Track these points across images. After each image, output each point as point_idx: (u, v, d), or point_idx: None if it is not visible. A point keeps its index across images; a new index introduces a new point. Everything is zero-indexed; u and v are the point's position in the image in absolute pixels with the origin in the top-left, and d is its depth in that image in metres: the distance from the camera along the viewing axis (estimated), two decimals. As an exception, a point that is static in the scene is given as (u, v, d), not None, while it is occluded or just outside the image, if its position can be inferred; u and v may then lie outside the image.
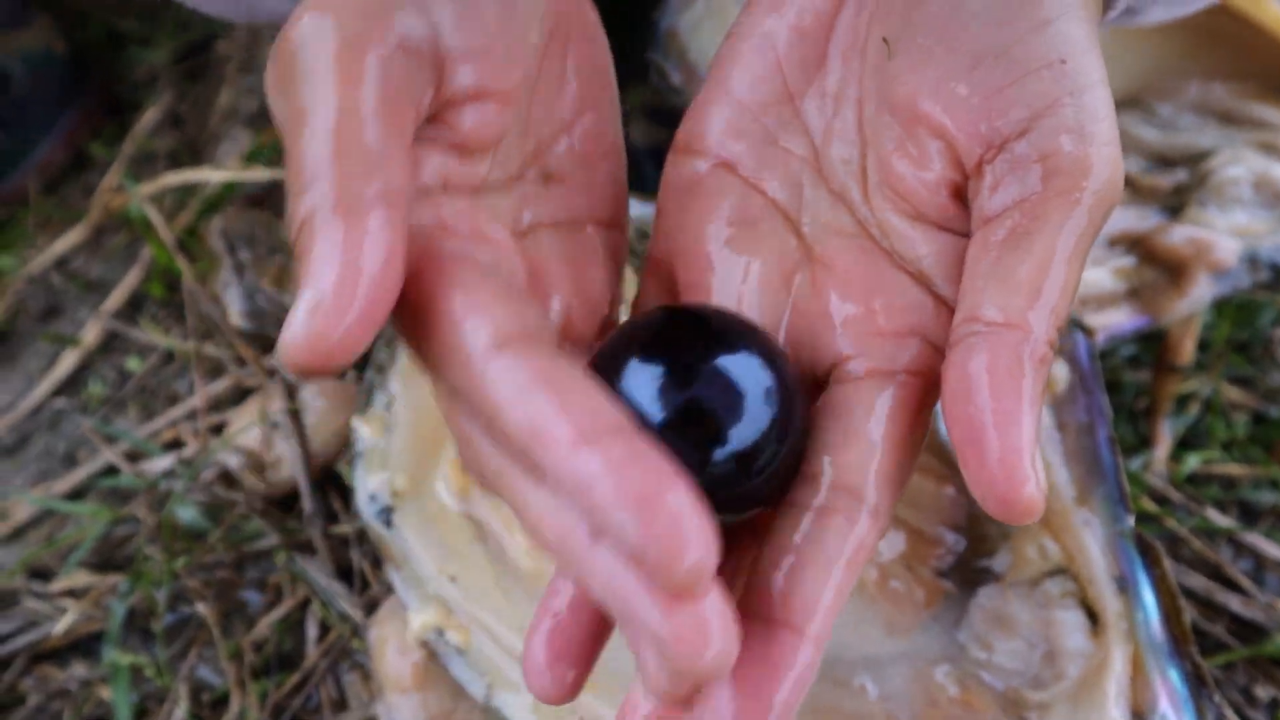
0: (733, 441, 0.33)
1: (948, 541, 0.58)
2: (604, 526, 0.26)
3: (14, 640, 0.68)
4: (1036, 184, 0.34)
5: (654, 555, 0.25)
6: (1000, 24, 0.35)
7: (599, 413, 0.27)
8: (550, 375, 0.28)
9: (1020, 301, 0.33)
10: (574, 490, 0.27)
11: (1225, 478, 0.74)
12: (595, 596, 0.28)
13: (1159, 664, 0.52)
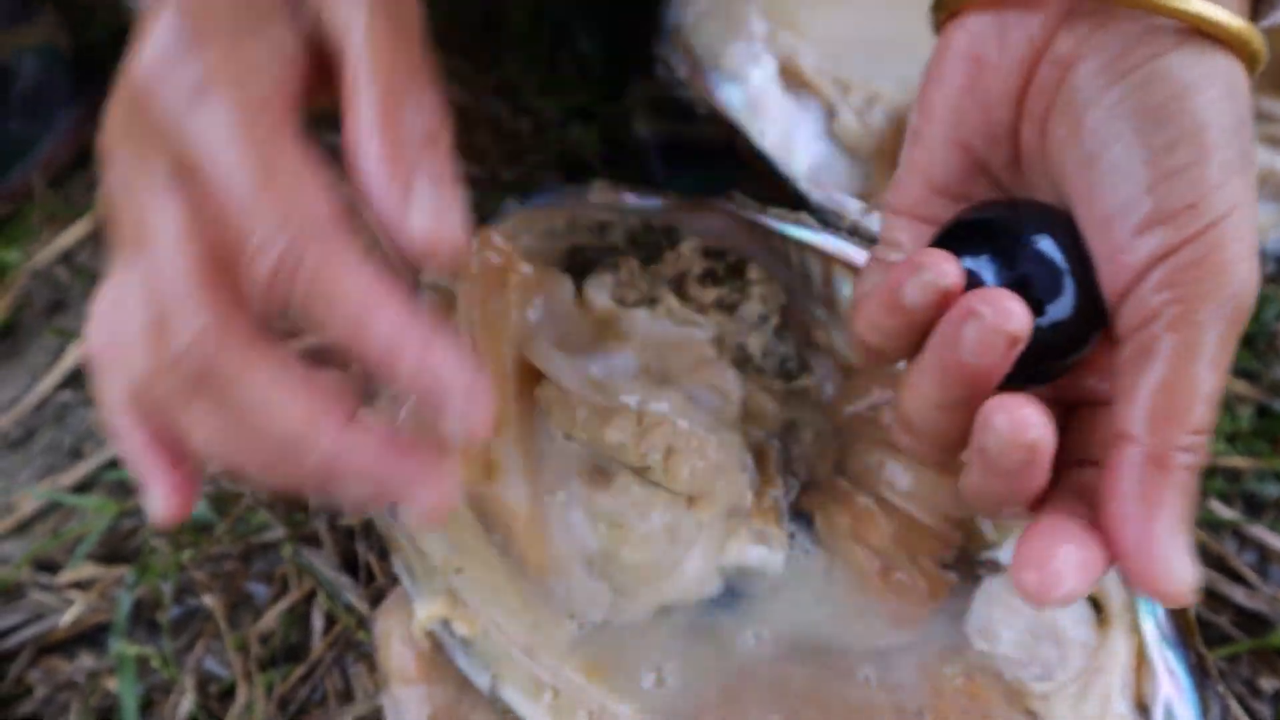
0: (1050, 314, 0.40)
1: (952, 534, 0.58)
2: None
3: (21, 632, 0.68)
4: (1154, 313, 0.39)
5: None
6: (1132, 181, 0.39)
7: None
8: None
9: (1148, 419, 0.38)
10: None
11: (1230, 470, 0.74)
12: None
13: (1163, 655, 0.52)
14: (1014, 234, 0.41)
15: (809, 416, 0.61)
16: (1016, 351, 0.38)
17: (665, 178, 0.80)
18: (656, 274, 0.60)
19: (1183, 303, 0.38)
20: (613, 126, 0.86)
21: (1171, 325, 0.38)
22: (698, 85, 0.70)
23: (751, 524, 0.56)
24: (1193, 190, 0.38)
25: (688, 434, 0.54)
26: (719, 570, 0.55)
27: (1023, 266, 0.40)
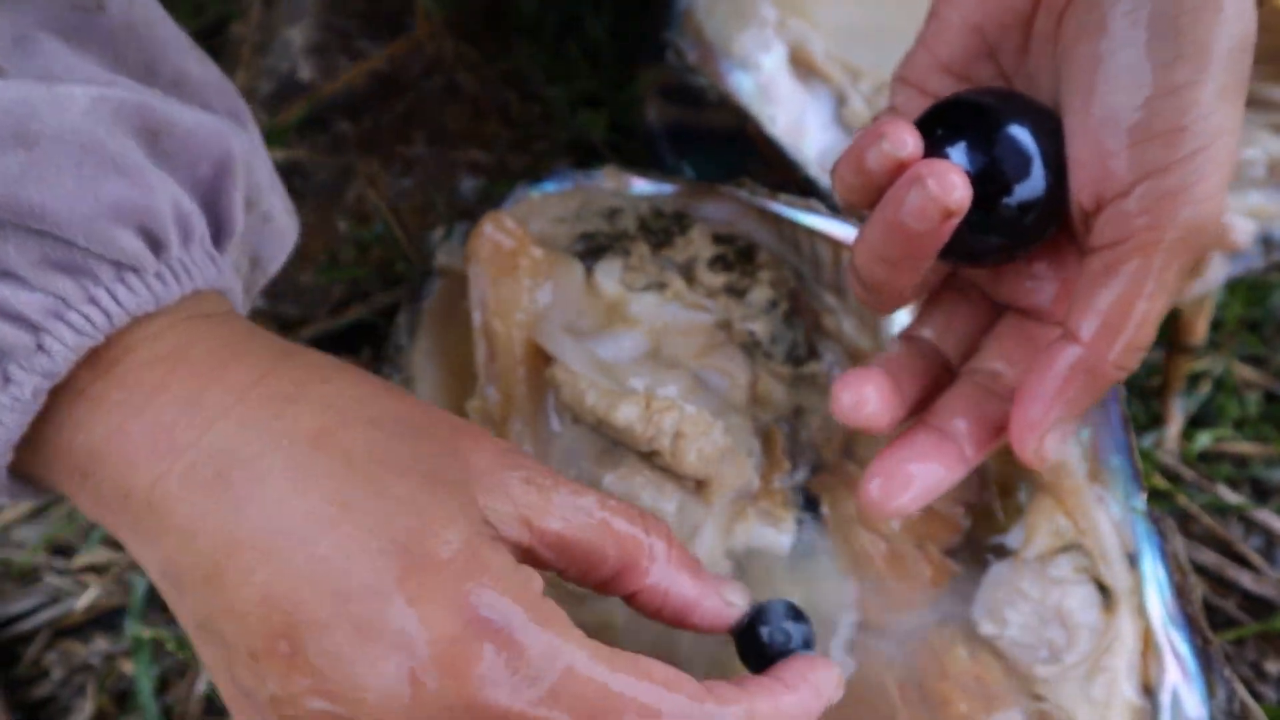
0: (1017, 194, 0.43)
1: (959, 520, 0.58)
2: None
3: (36, 615, 0.69)
4: (1128, 234, 0.41)
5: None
6: (1131, 89, 0.40)
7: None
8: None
9: (1098, 330, 0.42)
10: None
11: (1237, 455, 0.74)
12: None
13: (1170, 639, 0.53)
14: (993, 118, 0.43)
15: (817, 402, 0.61)
16: (952, 224, 0.41)
17: (675, 164, 0.80)
18: (666, 259, 0.60)
19: (1156, 229, 0.40)
20: (622, 113, 0.86)
21: (1140, 249, 0.41)
22: (708, 72, 0.70)
23: (759, 506, 0.57)
24: (1185, 113, 0.40)
25: (695, 418, 0.54)
26: (727, 553, 0.56)
27: (995, 149, 0.43)
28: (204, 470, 0.37)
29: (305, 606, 0.36)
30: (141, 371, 0.39)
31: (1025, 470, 0.57)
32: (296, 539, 0.36)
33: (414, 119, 0.87)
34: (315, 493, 0.37)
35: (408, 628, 0.35)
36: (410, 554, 0.36)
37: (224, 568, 0.37)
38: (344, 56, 0.90)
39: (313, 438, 0.38)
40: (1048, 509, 0.56)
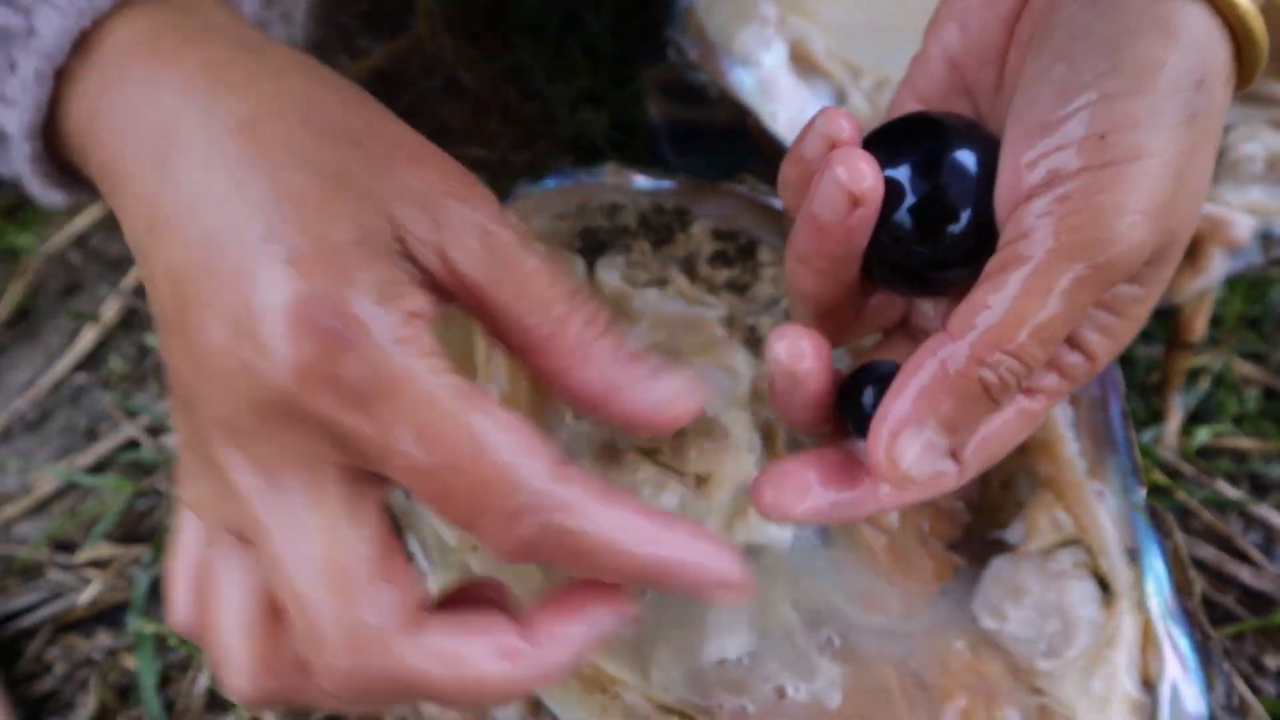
0: (955, 215, 0.41)
1: (960, 514, 0.59)
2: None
3: (39, 610, 0.69)
4: (1020, 235, 0.39)
5: None
6: (1059, 99, 0.39)
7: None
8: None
9: (966, 326, 0.39)
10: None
11: (1236, 451, 0.74)
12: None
13: (1169, 633, 0.53)
14: (936, 138, 0.42)
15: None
16: (861, 217, 0.40)
17: (676, 161, 0.81)
18: (668, 255, 0.61)
19: (1053, 234, 0.38)
20: (623, 110, 0.86)
21: (1031, 250, 0.38)
22: (709, 69, 0.70)
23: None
24: (1109, 121, 0.38)
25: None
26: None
27: (937, 169, 0.41)
28: (151, 145, 0.39)
29: (192, 283, 0.37)
30: (116, 55, 0.41)
31: (1026, 465, 0.58)
32: (195, 214, 0.37)
33: (415, 116, 0.86)
34: (220, 172, 0.37)
35: (257, 308, 0.35)
36: (279, 238, 0.35)
37: (147, 240, 0.39)
38: (344, 54, 0.90)
39: (238, 125, 0.38)
40: (1048, 504, 0.56)
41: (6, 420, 0.78)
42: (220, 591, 0.40)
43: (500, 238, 0.39)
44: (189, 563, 0.42)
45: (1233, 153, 0.71)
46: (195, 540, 0.41)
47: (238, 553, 0.40)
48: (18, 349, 0.82)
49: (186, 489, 0.41)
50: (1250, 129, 0.72)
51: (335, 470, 0.37)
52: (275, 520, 0.37)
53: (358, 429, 0.35)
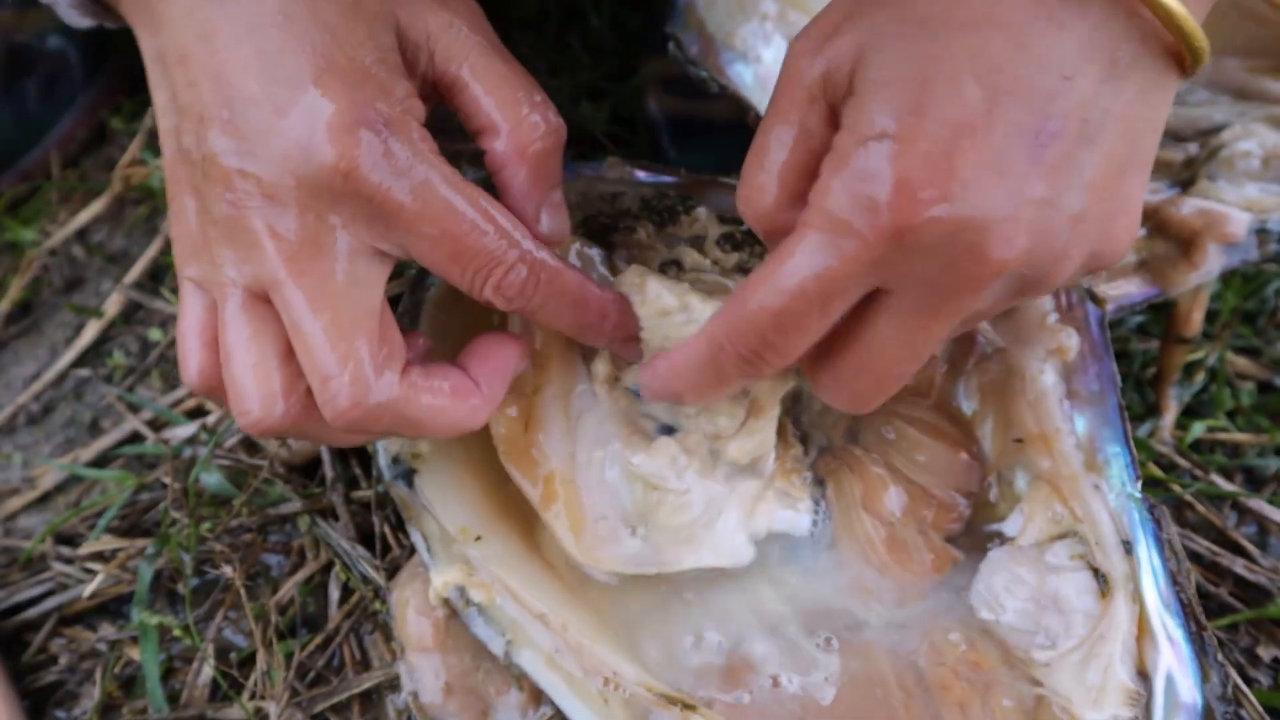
0: None
1: (960, 507, 0.59)
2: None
3: (43, 603, 0.69)
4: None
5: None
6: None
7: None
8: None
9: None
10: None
11: (1231, 445, 0.75)
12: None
13: (1164, 624, 0.53)
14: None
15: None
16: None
17: (676, 155, 0.81)
18: (673, 236, 0.61)
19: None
20: (623, 105, 0.87)
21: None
22: (709, 64, 0.70)
23: (776, 488, 0.57)
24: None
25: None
26: (750, 538, 0.56)
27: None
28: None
29: (244, 85, 0.46)
30: None
31: (1024, 459, 0.58)
32: (251, 36, 0.46)
33: (416, 111, 0.87)
34: (270, 4, 0.46)
35: (314, 107, 0.45)
36: (326, 59, 0.46)
37: (197, 49, 0.46)
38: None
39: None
40: (1045, 497, 0.57)
41: (10, 414, 0.79)
42: (240, 339, 0.48)
43: (476, 41, 0.51)
44: (198, 327, 0.50)
45: (1229, 150, 0.71)
46: (202, 308, 0.50)
47: (257, 307, 0.48)
48: (20, 344, 0.82)
49: (192, 265, 0.49)
50: (1246, 126, 0.72)
51: (351, 248, 0.47)
52: (301, 277, 0.46)
53: (400, 202, 0.46)
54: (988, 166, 0.41)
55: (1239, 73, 0.76)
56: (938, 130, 0.41)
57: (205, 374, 0.50)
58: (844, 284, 0.43)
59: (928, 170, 0.41)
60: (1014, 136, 0.41)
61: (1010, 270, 0.42)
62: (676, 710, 0.51)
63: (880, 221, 0.41)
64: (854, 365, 0.46)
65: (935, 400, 0.61)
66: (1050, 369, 0.59)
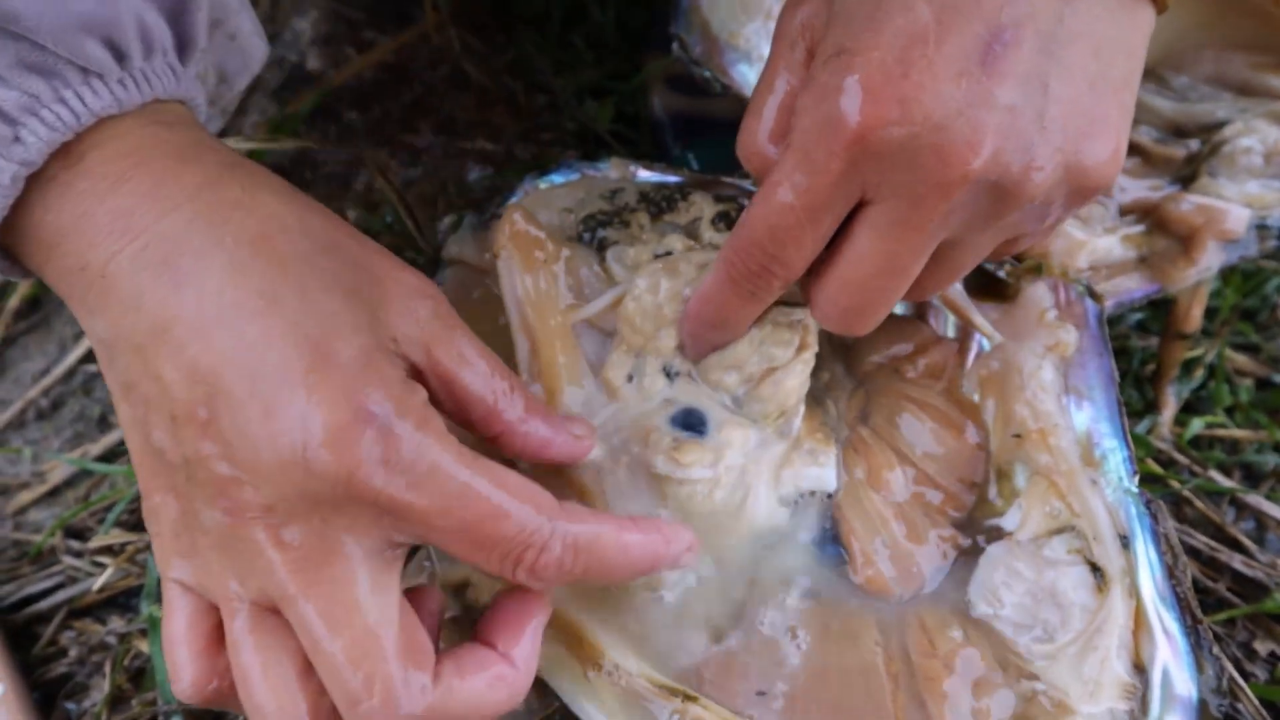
0: None
1: (963, 495, 0.59)
2: None
3: (53, 596, 0.70)
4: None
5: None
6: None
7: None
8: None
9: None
10: None
11: (1229, 441, 0.75)
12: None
13: (1160, 618, 0.54)
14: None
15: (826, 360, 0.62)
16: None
17: (680, 154, 0.81)
18: (668, 224, 0.61)
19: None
20: (627, 103, 0.87)
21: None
22: (713, 64, 0.71)
23: (804, 445, 0.58)
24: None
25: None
26: (780, 501, 0.57)
27: None
28: (154, 253, 0.43)
29: (224, 381, 0.41)
30: (106, 165, 0.44)
31: (1022, 453, 0.59)
32: (226, 323, 0.42)
33: (422, 109, 0.88)
34: (248, 287, 0.42)
35: (307, 411, 0.41)
36: (318, 351, 0.42)
37: (158, 339, 0.42)
38: (352, 47, 0.91)
39: (253, 240, 0.43)
40: (1042, 492, 0.57)
41: (19, 409, 0.79)
42: (255, 662, 0.44)
43: (464, 331, 0.48)
44: (190, 634, 0.45)
45: (1230, 146, 0.71)
46: (190, 611, 0.45)
47: (268, 621, 0.44)
48: (30, 339, 0.83)
49: (178, 568, 0.45)
50: (1248, 122, 0.72)
51: (363, 551, 0.43)
52: (313, 589, 0.42)
53: (410, 503, 0.42)
54: (942, 73, 0.43)
55: (1242, 69, 0.77)
56: (890, 41, 0.43)
57: (201, 686, 0.45)
58: (823, 197, 0.45)
59: (882, 79, 0.43)
60: (967, 45, 0.43)
61: (976, 176, 0.43)
62: (678, 701, 0.51)
63: (842, 133, 0.43)
64: (840, 279, 0.48)
65: (947, 385, 0.62)
66: (1049, 365, 0.59)
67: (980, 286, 0.63)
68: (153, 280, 0.42)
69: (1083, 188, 0.47)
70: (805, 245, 0.47)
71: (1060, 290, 0.61)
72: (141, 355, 0.43)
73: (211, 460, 0.42)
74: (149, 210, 0.43)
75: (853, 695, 0.53)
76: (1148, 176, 0.74)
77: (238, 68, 0.57)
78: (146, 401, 0.43)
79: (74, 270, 0.44)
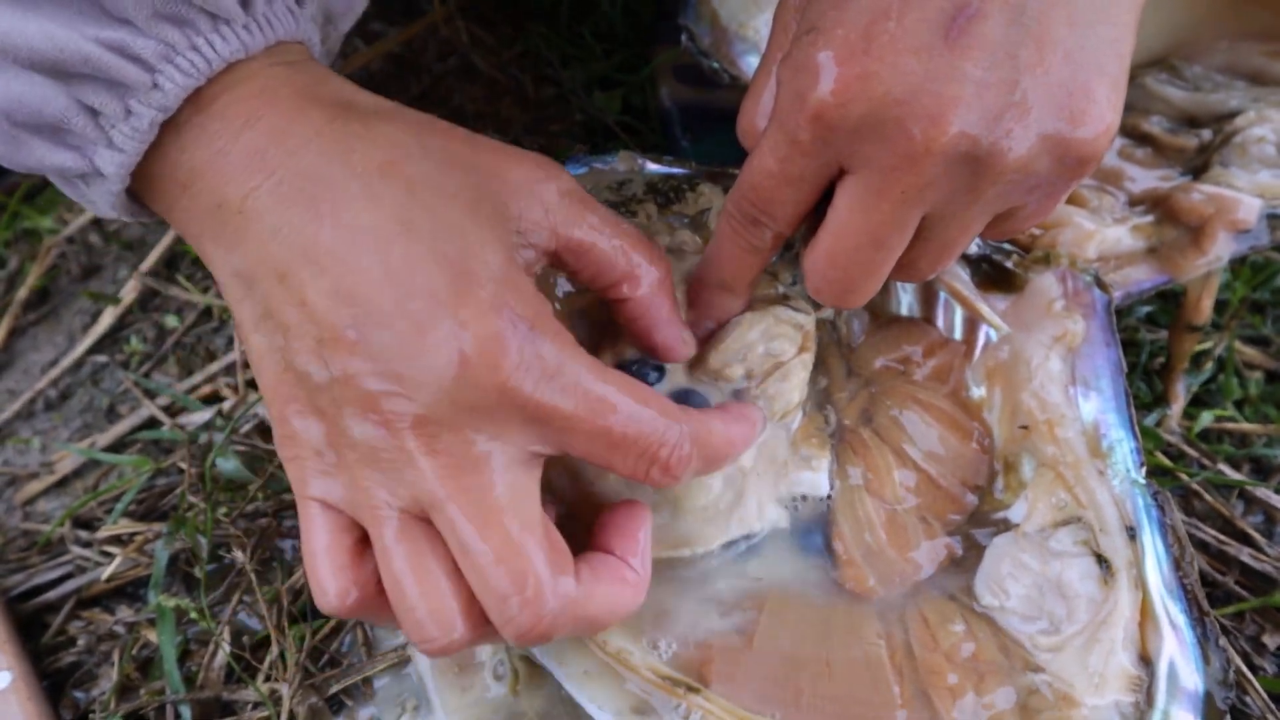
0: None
1: (964, 499, 0.59)
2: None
3: (61, 586, 0.70)
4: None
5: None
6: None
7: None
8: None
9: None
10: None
11: (1238, 434, 0.75)
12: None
13: (1167, 610, 0.54)
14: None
15: (833, 358, 0.62)
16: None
17: (688, 144, 0.81)
18: (676, 215, 0.61)
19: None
20: (635, 94, 0.87)
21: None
22: (722, 55, 0.71)
23: (799, 450, 0.58)
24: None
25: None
26: (777, 501, 0.57)
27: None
28: (289, 187, 0.45)
29: (373, 303, 0.44)
30: (238, 106, 0.47)
31: (1029, 445, 0.58)
32: (367, 248, 0.44)
33: (430, 101, 0.88)
34: (384, 213, 0.45)
35: (458, 326, 0.43)
36: (458, 270, 0.44)
37: (300, 266, 0.44)
38: (360, 39, 0.91)
39: (382, 168, 0.45)
40: (1049, 483, 0.57)
41: (28, 400, 0.80)
42: (407, 568, 0.46)
43: (589, 203, 0.50)
44: (333, 549, 0.48)
45: (1242, 135, 0.71)
46: (333, 529, 0.48)
47: (416, 528, 0.46)
48: (38, 330, 0.83)
49: (320, 486, 0.47)
50: (1260, 112, 0.72)
51: (507, 459, 0.45)
52: (463, 495, 0.45)
53: (557, 406, 0.44)
54: (904, 47, 0.44)
55: (1255, 58, 0.76)
56: (854, 18, 0.44)
57: (346, 597, 0.48)
58: (798, 165, 0.48)
59: (846, 54, 0.44)
60: (930, 18, 0.43)
61: (942, 148, 0.44)
62: (681, 693, 0.51)
63: (808, 107, 0.45)
64: (825, 251, 0.50)
65: (953, 388, 0.62)
66: (1056, 355, 0.59)
67: (988, 277, 0.63)
68: (291, 212, 0.45)
69: (1069, 160, 0.46)
70: (789, 204, 0.50)
71: (1068, 280, 0.61)
72: (284, 283, 0.45)
73: (362, 377, 0.44)
74: (280, 146, 0.46)
75: (860, 688, 0.53)
76: (1159, 167, 0.73)
77: (343, 8, 0.59)
78: (286, 329, 0.45)
79: (209, 208, 0.47)
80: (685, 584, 0.56)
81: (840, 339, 0.63)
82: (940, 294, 0.63)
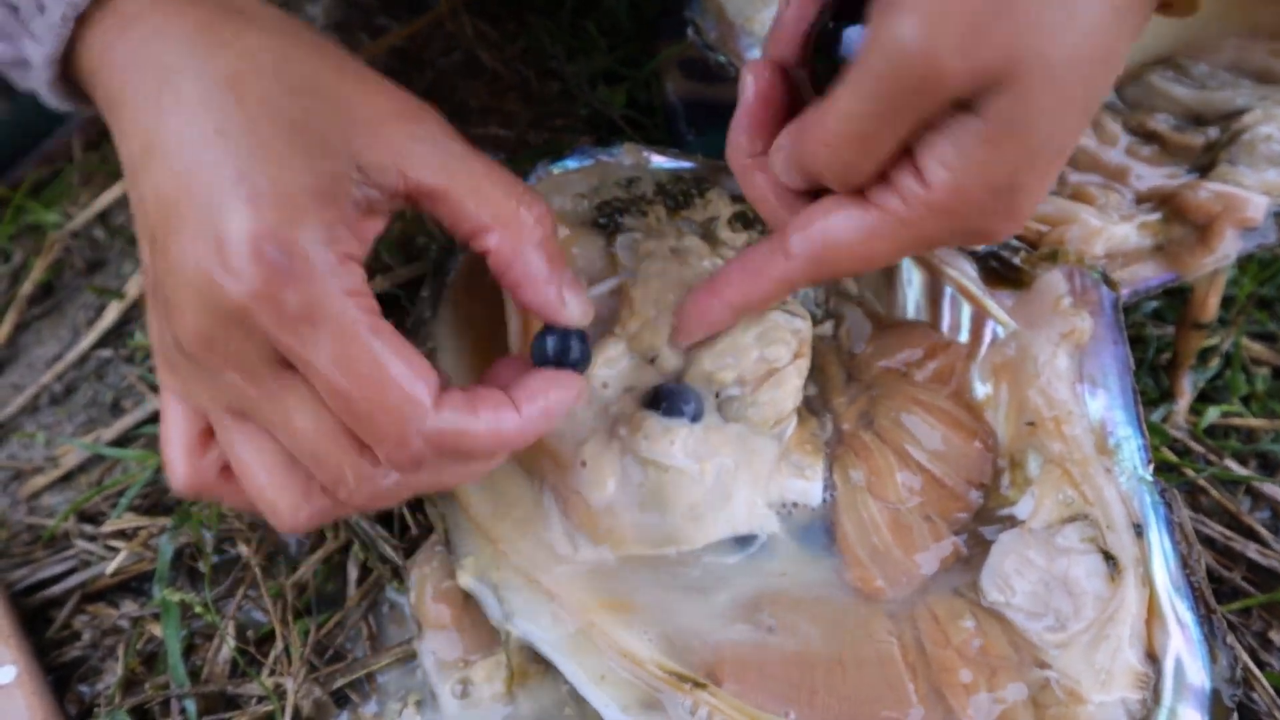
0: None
1: (969, 498, 0.59)
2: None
3: (66, 580, 0.70)
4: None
5: None
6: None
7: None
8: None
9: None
10: None
11: (1245, 430, 0.75)
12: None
13: (1174, 607, 0.54)
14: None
15: (832, 364, 0.62)
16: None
17: (694, 139, 0.81)
18: (685, 220, 0.61)
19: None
20: (640, 89, 0.87)
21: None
22: (728, 49, 0.70)
23: (790, 460, 0.58)
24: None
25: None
26: (768, 505, 0.57)
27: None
28: (151, 83, 0.47)
29: (174, 207, 0.45)
30: (128, 5, 0.49)
31: (1035, 441, 0.58)
32: (182, 149, 0.45)
33: (434, 96, 0.88)
34: (208, 119, 0.45)
35: (228, 240, 0.43)
36: (251, 185, 0.44)
37: (140, 160, 0.47)
38: (365, 33, 0.91)
39: (225, 79, 0.46)
40: (1055, 480, 0.57)
41: (33, 394, 0.80)
42: (242, 460, 0.49)
43: (450, 147, 0.49)
44: (182, 436, 0.51)
45: (1249, 134, 0.71)
46: (182, 416, 0.51)
47: (247, 425, 0.49)
48: (43, 325, 0.83)
49: (169, 377, 0.50)
50: (1267, 110, 0.72)
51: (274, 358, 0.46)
52: (265, 402, 0.46)
53: (289, 348, 0.44)
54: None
55: (1263, 56, 0.76)
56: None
57: (192, 482, 0.52)
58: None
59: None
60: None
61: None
62: (688, 688, 0.51)
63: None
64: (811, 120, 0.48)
65: (955, 388, 0.62)
66: (1063, 352, 0.59)
67: (995, 273, 0.63)
68: (145, 106, 0.47)
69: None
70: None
71: (1076, 277, 0.61)
72: (134, 178, 0.47)
73: (163, 280, 0.46)
74: (152, 45, 0.47)
75: (874, 686, 0.53)
76: (1166, 164, 0.73)
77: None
78: (141, 220, 0.48)
79: (104, 101, 0.49)
80: (697, 586, 0.56)
81: (840, 346, 0.63)
82: (947, 290, 0.63)
